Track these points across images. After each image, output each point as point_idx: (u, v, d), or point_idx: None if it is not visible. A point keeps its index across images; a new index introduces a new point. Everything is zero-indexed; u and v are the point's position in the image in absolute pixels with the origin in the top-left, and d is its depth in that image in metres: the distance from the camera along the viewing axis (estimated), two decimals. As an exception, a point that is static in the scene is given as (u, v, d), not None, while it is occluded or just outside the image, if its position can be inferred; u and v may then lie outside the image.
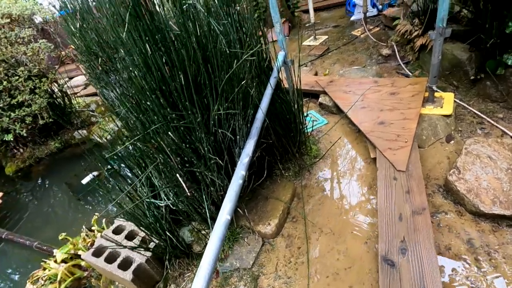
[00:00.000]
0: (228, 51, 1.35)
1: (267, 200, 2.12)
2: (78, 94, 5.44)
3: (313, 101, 3.20)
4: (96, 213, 2.48)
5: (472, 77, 2.46)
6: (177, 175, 1.26)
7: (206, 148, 1.32)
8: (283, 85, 2.17)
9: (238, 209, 1.91)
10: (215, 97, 1.31)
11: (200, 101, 1.29)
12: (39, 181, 4.37)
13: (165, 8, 1.14)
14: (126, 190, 1.60)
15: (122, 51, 1.11)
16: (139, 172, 1.66)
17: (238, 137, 1.43)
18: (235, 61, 1.33)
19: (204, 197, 1.43)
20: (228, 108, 1.34)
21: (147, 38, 1.09)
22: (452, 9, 2.67)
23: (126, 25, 1.01)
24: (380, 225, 1.64)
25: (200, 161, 1.39)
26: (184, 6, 1.19)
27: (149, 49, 1.08)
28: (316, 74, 3.60)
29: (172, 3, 1.16)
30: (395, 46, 3.49)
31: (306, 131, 2.44)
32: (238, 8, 1.62)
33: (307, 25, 5.26)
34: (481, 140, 1.94)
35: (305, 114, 2.99)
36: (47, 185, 4.24)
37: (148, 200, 1.58)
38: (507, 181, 1.67)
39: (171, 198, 1.61)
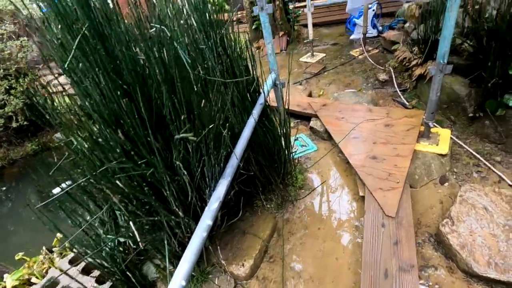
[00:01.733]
0: (202, 81, 1.19)
1: (245, 235, 1.95)
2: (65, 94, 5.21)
3: (304, 124, 3.05)
4: (59, 234, 2.26)
5: (470, 115, 2.34)
6: (131, 222, 1.08)
7: (169, 192, 1.14)
8: (270, 110, 2.01)
9: (210, 247, 1.73)
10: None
11: (164, 139, 1.12)
12: (13, 184, 4.13)
13: (129, 33, 0.98)
14: (81, 222, 1.41)
15: (73, 76, 0.94)
16: (99, 203, 1.47)
17: (207, 179, 1.26)
18: (206, 98, 1.16)
19: (165, 241, 1.25)
20: (197, 147, 1.17)
21: (100, 66, 0.92)
22: (453, 42, 2.56)
23: (73, 51, 0.84)
24: (363, 280, 1.48)
25: (164, 204, 1.21)
26: (152, 30, 1.02)
27: (102, 79, 0.91)
28: (310, 94, 3.47)
29: (137, 27, 1.00)
30: (392, 72, 3.38)
31: (293, 157, 2.28)
32: (223, 31, 1.46)
33: (305, 41, 5.15)
34: (477, 187, 1.80)
35: (294, 138, 2.85)
36: (19, 189, 4.00)
37: (104, 235, 1.40)
38: (504, 240, 1.52)
39: (132, 233, 1.42)
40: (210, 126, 1.12)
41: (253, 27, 5.13)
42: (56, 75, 1.04)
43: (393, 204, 1.77)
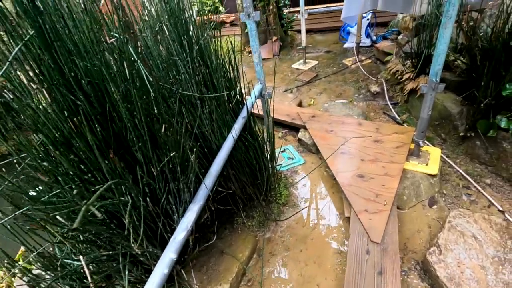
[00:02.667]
0: (172, 97, 1.07)
1: (222, 255, 1.82)
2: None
3: (292, 134, 2.95)
4: (22, 248, 2.10)
5: (461, 134, 2.27)
6: (80, 256, 0.95)
7: (129, 220, 1.01)
8: (254, 123, 1.89)
9: (182, 270, 1.60)
10: (145, 158, 1.02)
11: (126, 162, 0.99)
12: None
13: (89, 42, 0.85)
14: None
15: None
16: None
17: (173, 206, 1.14)
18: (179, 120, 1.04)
19: (124, 273, 1.12)
20: (162, 172, 1.04)
21: (48, 79, 0.79)
22: (446, 58, 2.50)
23: (7, 63, 0.71)
24: (344, 314, 1.38)
25: (122, 230, 1.08)
26: (113, 39, 0.90)
27: (45, 95, 0.78)
28: (300, 103, 3.37)
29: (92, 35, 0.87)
30: (384, 84, 3.31)
31: (277, 172, 2.18)
32: (201, 41, 1.34)
33: (298, 47, 5.07)
34: (466, 213, 1.72)
35: (281, 149, 2.75)
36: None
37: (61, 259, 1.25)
38: (492, 273, 1.44)
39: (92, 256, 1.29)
40: (172, 154, 1.00)
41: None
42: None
43: (379, 229, 1.68)
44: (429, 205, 1.98)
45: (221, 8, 8.03)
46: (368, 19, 4.52)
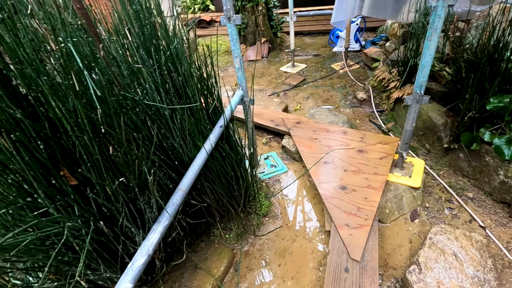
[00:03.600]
0: (133, 109, 0.97)
1: (196, 271, 1.73)
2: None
3: (277, 140, 2.88)
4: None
5: (445, 145, 2.24)
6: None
7: (81, 246, 0.91)
8: (232, 132, 1.80)
9: (150, 290, 1.50)
10: (99, 177, 0.92)
11: (79, 179, 0.89)
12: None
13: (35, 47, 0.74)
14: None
15: None
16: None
17: (133, 228, 1.04)
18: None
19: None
20: (117, 193, 0.95)
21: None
22: (432, 67, 2.47)
23: None
24: (319, 339, 1.31)
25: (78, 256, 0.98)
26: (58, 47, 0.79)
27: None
28: (286, 108, 3.30)
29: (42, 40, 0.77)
30: (371, 91, 3.27)
31: (257, 182, 2.10)
32: (173, 47, 1.24)
33: (286, 50, 5.01)
34: (448, 230, 1.68)
35: (265, 156, 2.67)
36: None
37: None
38: (472, 294, 1.40)
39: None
40: (121, 179, 0.90)
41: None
42: None
43: (359, 245, 1.62)
44: (411, 219, 1.94)
45: (211, 7, 7.90)
46: (357, 24, 4.49)
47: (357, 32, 4.60)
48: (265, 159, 2.63)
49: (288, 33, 5.66)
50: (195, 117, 1.46)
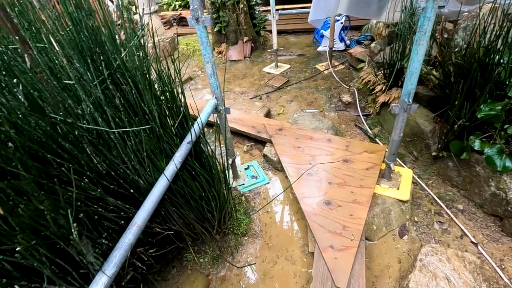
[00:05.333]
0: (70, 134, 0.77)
1: (165, 304, 1.55)
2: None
3: (259, 148, 2.71)
4: None
5: (434, 153, 2.13)
6: None
7: None
8: (204, 146, 1.61)
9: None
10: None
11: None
12: None
13: None
14: None
15: None
16: None
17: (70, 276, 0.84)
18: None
19: None
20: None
21: None
22: (419, 69, 2.35)
23: None
24: None
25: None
26: None
27: None
28: (268, 112, 3.13)
29: None
30: (356, 93, 3.14)
31: (234, 198, 1.92)
32: (125, 53, 1.04)
33: (269, 50, 4.83)
34: (439, 250, 1.56)
35: (245, 166, 2.49)
36: None
37: None
38: (467, 325, 1.28)
39: None
40: (18, 249, 0.71)
41: (216, 29, 4.70)
42: None
43: (344, 271, 1.47)
44: (399, 235, 1.81)
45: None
46: (341, 23, 4.36)
47: (342, 31, 4.47)
48: (245, 169, 2.45)
49: (271, 31, 5.50)
50: (156, 134, 1.26)
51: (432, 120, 2.20)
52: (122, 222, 1.04)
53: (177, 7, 7.64)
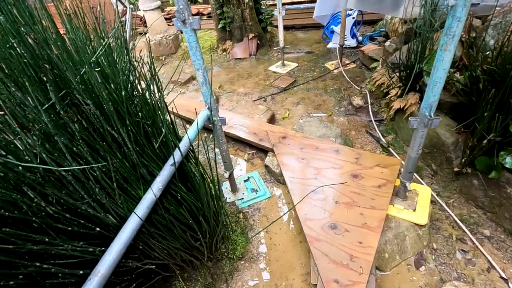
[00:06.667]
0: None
1: None
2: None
3: (261, 157, 2.51)
4: None
5: (456, 169, 1.88)
6: None
7: None
8: (193, 164, 1.43)
9: None
10: None
11: None
12: None
13: None
14: None
15: None
16: None
17: None
18: None
19: None
20: None
21: None
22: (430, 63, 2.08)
23: None
24: None
25: None
26: None
27: None
28: (272, 116, 2.92)
29: None
30: (368, 96, 2.89)
31: (237, 207, 1.74)
32: (84, 69, 0.86)
33: (275, 48, 4.58)
34: (463, 290, 1.34)
35: (245, 177, 2.31)
36: None
37: None
38: None
39: None
40: None
41: (220, 25, 4.48)
42: None
43: (351, 313, 1.28)
44: (415, 265, 1.59)
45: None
46: (353, 18, 4.06)
47: (354, 27, 4.18)
48: (245, 181, 2.26)
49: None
50: (131, 160, 1.09)
51: (454, 131, 1.95)
52: (81, 272, 0.87)
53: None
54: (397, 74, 2.34)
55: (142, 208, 1.07)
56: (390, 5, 2.85)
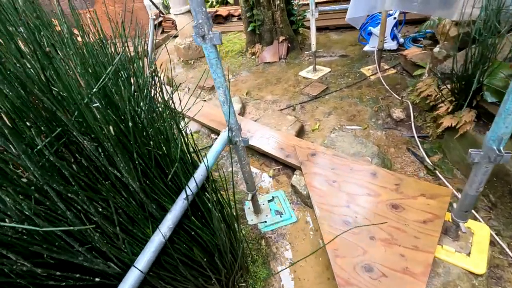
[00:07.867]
0: None
1: None
2: None
3: (287, 174, 2.33)
4: None
5: (523, 205, 1.56)
6: None
7: None
8: (210, 194, 1.29)
9: None
10: None
11: None
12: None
13: None
14: None
15: None
16: None
17: None
18: None
19: None
20: None
21: None
22: (494, 76, 1.74)
23: None
24: None
25: None
26: None
27: None
28: (301, 128, 2.72)
29: None
30: (411, 108, 2.58)
31: (260, 231, 1.59)
32: (83, 102, 0.74)
33: (306, 52, 4.34)
34: None
35: (269, 197, 2.14)
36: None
37: None
38: None
39: None
40: None
41: (249, 28, 4.34)
42: None
43: None
44: (469, 324, 1.32)
45: (229, 0, 7.32)
46: (395, 18, 3.71)
47: (395, 28, 3.81)
48: (269, 201, 2.10)
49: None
50: (138, 200, 0.97)
51: (522, 158, 1.61)
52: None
53: (214, 3, 7.42)
54: (449, 86, 2.03)
55: (148, 252, 0.95)
56: (438, 4, 2.50)
